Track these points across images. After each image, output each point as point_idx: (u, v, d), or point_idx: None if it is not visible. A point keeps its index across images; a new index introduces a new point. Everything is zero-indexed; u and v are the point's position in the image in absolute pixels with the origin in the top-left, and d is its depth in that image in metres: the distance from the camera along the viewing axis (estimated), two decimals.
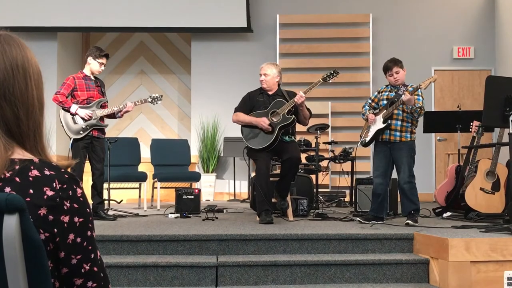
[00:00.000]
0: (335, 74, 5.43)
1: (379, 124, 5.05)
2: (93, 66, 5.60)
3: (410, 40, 9.42)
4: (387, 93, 5.20)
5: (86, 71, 5.64)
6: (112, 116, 5.79)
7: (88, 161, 5.64)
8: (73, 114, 5.46)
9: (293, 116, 5.24)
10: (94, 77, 5.69)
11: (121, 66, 10.45)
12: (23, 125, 1.14)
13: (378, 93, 5.32)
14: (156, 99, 6.02)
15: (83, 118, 5.46)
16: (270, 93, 5.40)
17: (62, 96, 5.43)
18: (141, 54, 10.48)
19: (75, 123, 5.48)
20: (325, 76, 5.42)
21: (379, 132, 5.05)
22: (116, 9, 9.28)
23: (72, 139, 5.48)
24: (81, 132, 5.47)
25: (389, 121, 5.00)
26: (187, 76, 10.09)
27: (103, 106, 5.66)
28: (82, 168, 5.55)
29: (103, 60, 5.63)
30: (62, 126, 5.50)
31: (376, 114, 5.15)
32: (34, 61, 1.19)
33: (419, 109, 4.92)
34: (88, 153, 5.55)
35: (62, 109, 5.49)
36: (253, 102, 5.39)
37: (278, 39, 9.49)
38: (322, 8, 9.55)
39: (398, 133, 5.01)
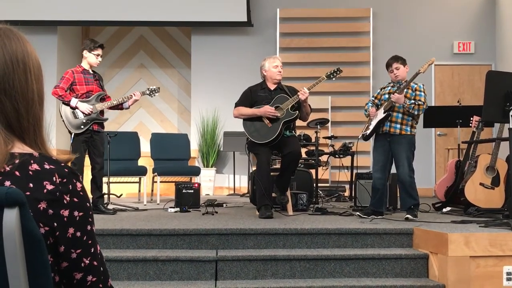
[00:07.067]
0: (338, 72, 5.48)
1: (380, 115, 5.06)
2: (89, 59, 5.59)
3: (411, 35, 9.40)
4: (389, 88, 5.22)
5: (84, 65, 5.63)
6: (116, 107, 5.80)
7: (87, 155, 5.64)
8: (73, 108, 5.45)
9: (297, 111, 5.26)
10: (92, 71, 5.69)
11: (120, 60, 10.43)
12: (23, 120, 1.14)
13: (381, 89, 5.35)
14: (154, 91, 6.03)
15: (83, 112, 5.46)
16: (272, 88, 5.41)
17: (61, 90, 5.42)
18: (141, 48, 10.46)
19: (75, 117, 5.47)
20: (328, 73, 5.46)
21: (380, 123, 5.06)
22: (116, 2, 9.26)
23: (73, 134, 5.48)
24: (82, 126, 5.46)
25: (390, 112, 5.01)
26: (187, 70, 10.07)
27: (102, 100, 5.66)
28: (83, 162, 5.56)
29: (99, 51, 5.62)
30: (63, 121, 5.49)
31: (377, 109, 5.16)
32: (34, 55, 1.19)
33: (413, 105, 4.92)
34: (88, 147, 5.55)
35: (62, 103, 5.48)
36: (254, 97, 5.38)
37: (278, 33, 9.47)
38: (322, 3, 9.53)
39: (398, 126, 5.02)
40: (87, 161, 5.64)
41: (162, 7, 9.27)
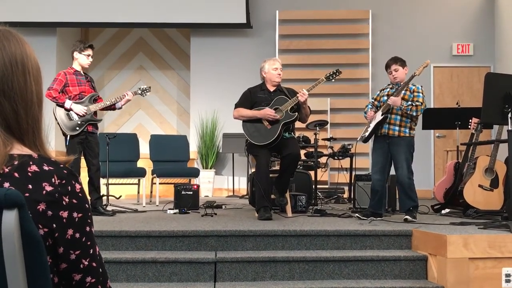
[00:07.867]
0: (337, 73, 5.48)
1: (378, 118, 5.07)
2: (80, 60, 5.57)
3: (410, 37, 9.41)
4: (388, 90, 5.23)
5: (76, 66, 5.61)
6: (109, 108, 5.80)
7: (83, 157, 5.63)
8: (67, 110, 5.44)
9: (296, 113, 5.26)
10: (84, 72, 5.68)
11: (120, 61, 10.43)
12: (22, 121, 1.14)
13: (380, 91, 5.36)
14: (145, 91, 6.09)
15: (77, 114, 5.45)
16: (271, 89, 5.41)
17: (55, 91, 5.40)
18: (140, 49, 10.46)
19: (70, 119, 5.46)
20: (328, 75, 5.47)
21: (378, 125, 5.06)
22: (115, 4, 9.27)
23: (68, 136, 5.47)
24: (77, 128, 5.46)
25: (387, 114, 5.02)
26: (186, 72, 10.08)
27: (95, 100, 5.66)
28: (79, 164, 5.55)
29: (89, 52, 5.60)
30: (58, 123, 5.48)
31: (376, 111, 5.17)
32: (33, 56, 1.19)
33: (410, 106, 4.92)
34: (83, 148, 5.55)
35: (56, 105, 5.47)
36: (254, 98, 5.39)
37: (278, 35, 9.48)
38: (321, 4, 9.55)
39: (397, 128, 5.02)
40: (83, 163, 5.64)
41: (161, 9, 9.27)
